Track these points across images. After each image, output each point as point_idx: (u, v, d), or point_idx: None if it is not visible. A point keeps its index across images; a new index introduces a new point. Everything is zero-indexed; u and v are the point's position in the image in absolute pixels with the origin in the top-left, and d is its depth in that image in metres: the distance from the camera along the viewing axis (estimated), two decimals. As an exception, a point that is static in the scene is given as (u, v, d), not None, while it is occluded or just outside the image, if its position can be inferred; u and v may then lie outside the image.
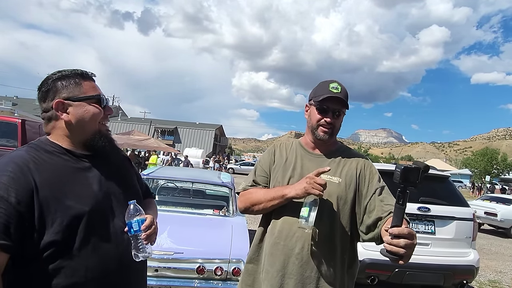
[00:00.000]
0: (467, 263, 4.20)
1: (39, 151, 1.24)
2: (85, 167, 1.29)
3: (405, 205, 1.26)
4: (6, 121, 6.04)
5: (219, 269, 3.33)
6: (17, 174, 1.12)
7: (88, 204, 1.21)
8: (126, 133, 21.20)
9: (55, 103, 1.26)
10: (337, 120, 1.71)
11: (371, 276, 4.05)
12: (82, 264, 1.18)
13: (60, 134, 1.29)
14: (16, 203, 1.09)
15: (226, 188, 5.00)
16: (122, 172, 1.42)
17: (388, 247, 1.25)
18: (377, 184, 1.67)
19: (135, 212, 1.30)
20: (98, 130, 1.33)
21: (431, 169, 4.90)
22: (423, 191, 4.37)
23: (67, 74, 1.30)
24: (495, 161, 44.57)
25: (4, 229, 1.06)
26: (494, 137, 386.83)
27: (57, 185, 1.18)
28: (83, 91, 1.30)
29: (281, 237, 1.63)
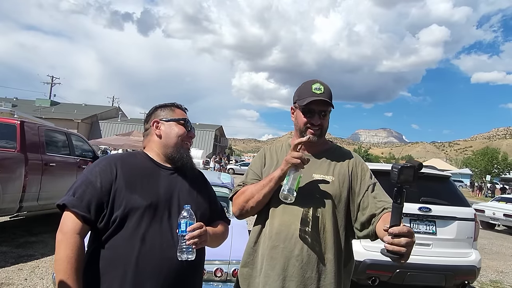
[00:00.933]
0: (469, 264, 4.18)
1: (130, 156, 1.63)
2: (161, 174, 1.58)
3: (403, 204, 1.26)
4: (5, 122, 6.01)
5: (219, 270, 3.32)
6: (106, 166, 1.49)
7: (148, 200, 1.46)
8: (126, 134, 21.20)
9: (153, 121, 1.65)
10: (324, 120, 1.71)
11: (372, 277, 4.03)
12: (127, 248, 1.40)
13: (152, 146, 1.64)
14: (100, 188, 1.43)
15: (226, 189, 4.98)
16: (193, 188, 1.64)
17: (390, 247, 1.24)
18: (369, 181, 1.70)
19: (186, 215, 1.45)
20: (180, 146, 1.62)
21: (432, 169, 4.88)
22: (424, 191, 4.35)
23: (166, 105, 1.71)
24: (495, 160, 44.51)
25: (87, 205, 1.40)
26: (494, 137, 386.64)
27: (131, 180, 1.48)
28: (174, 115, 1.66)
29: (280, 240, 1.62)
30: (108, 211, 1.43)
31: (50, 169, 6.14)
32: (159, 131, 1.63)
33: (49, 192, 6.12)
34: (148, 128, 1.68)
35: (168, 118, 1.65)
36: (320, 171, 1.70)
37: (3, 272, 4.43)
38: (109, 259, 1.40)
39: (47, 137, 6.37)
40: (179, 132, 1.62)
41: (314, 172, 1.69)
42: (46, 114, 38.55)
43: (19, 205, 5.51)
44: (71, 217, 1.40)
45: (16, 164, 5.46)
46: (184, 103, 1.76)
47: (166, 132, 1.62)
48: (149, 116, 1.70)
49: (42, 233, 6.49)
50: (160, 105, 1.72)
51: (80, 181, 1.47)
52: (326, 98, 1.66)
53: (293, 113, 1.80)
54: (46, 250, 5.49)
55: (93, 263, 1.41)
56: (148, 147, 1.65)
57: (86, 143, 7.90)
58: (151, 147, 1.64)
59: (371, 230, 1.59)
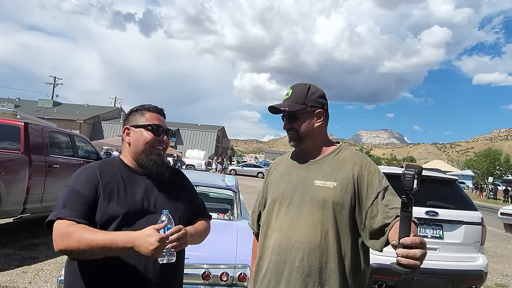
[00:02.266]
0: (476, 268, 4.15)
1: (108, 163, 1.61)
2: (137, 180, 1.60)
3: (412, 212, 1.19)
4: (9, 124, 6.00)
5: (225, 274, 3.29)
6: (89, 175, 1.50)
7: (125, 208, 1.49)
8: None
9: (123, 128, 1.66)
10: (297, 123, 1.67)
11: (379, 281, 3.99)
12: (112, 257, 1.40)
13: (125, 153, 1.66)
14: (88, 197, 1.45)
15: (230, 191, 4.95)
16: (171, 191, 1.66)
17: (404, 260, 1.15)
18: (378, 186, 1.56)
19: (164, 219, 1.46)
20: (149, 153, 1.61)
21: (438, 172, 4.84)
22: (430, 195, 4.32)
23: (138, 108, 1.69)
24: (498, 162, 44.37)
25: (82, 213, 1.41)
26: (496, 138, 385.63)
27: (109, 189, 1.50)
28: (144, 120, 1.64)
29: (282, 252, 1.57)
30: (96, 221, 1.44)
31: (54, 170, 6.13)
32: (129, 138, 1.64)
33: (52, 194, 6.10)
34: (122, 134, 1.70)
35: (137, 123, 1.63)
36: (322, 177, 1.62)
37: (7, 275, 4.41)
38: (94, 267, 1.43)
39: (50, 138, 6.36)
40: (147, 138, 1.61)
41: (315, 179, 1.62)
42: (48, 115, 38.62)
43: (23, 207, 5.50)
44: (66, 222, 1.37)
45: (20, 166, 5.45)
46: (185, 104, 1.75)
47: (134, 139, 1.62)
48: (124, 121, 1.72)
49: (45, 235, 6.47)
50: (133, 109, 1.71)
51: (67, 193, 1.46)
52: (289, 102, 1.67)
53: None
54: (49, 253, 5.47)
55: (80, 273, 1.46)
56: (123, 153, 1.68)
57: (89, 144, 7.89)
58: (125, 153, 1.66)
59: (383, 240, 1.49)
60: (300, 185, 1.64)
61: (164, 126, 1.68)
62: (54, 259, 5.20)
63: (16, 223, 6.76)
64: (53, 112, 44.10)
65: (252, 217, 1.93)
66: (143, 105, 1.71)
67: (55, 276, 4.52)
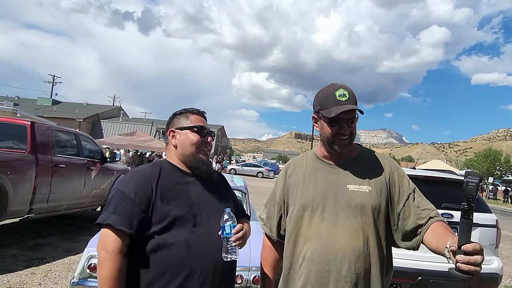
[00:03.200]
0: (491, 271, 4.10)
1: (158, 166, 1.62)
2: (188, 181, 1.63)
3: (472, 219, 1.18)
4: (15, 123, 5.94)
5: (239, 277, 3.26)
6: (141, 180, 1.52)
7: (184, 209, 1.52)
8: (129, 134, 21.16)
9: (169, 131, 1.70)
10: (352, 127, 1.61)
11: (394, 284, 3.95)
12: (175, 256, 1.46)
13: (172, 155, 1.69)
14: (139, 203, 1.47)
15: (239, 192, 4.91)
16: (218, 190, 1.70)
17: (465, 266, 1.15)
18: (408, 189, 1.60)
19: (229, 218, 1.54)
20: (196, 154, 1.64)
21: (451, 174, 4.80)
22: (445, 197, 4.27)
23: (182, 112, 1.72)
24: (498, 162, 44.44)
25: (130, 222, 1.43)
26: (494, 138, 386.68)
27: (164, 192, 1.52)
28: (188, 122, 1.67)
29: (324, 262, 1.52)
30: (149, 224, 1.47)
31: (60, 170, 6.07)
32: (175, 140, 1.67)
33: (58, 194, 6.06)
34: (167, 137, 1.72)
35: (183, 126, 1.67)
36: (354, 181, 1.59)
37: (17, 276, 4.36)
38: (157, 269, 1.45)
39: (56, 138, 6.30)
40: (194, 140, 1.64)
41: (348, 184, 1.58)
42: (47, 113, 38.51)
43: (29, 207, 5.44)
44: (114, 236, 1.42)
45: (27, 165, 5.39)
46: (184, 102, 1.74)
47: (181, 141, 1.65)
48: (167, 125, 1.75)
49: (51, 235, 6.42)
50: (177, 112, 1.74)
51: (117, 197, 1.49)
52: (352, 104, 1.56)
53: (316, 122, 1.67)
54: (56, 253, 5.42)
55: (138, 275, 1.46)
56: (169, 156, 1.70)
57: (94, 143, 7.83)
58: (172, 156, 1.69)
59: (417, 240, 1.52)
60: (331, 190, 1.59)
61: (207, 127, 1.72)
62: (62, 260, 5.15)
63: (21, 223, 6.71)
64: (52, 110, 43.93)
65: (269, 223, 1.81)
66: (186, 108, 1.75)
67: (64, 277, 4.47)
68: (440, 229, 1.46)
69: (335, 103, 1.55)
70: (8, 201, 4.93)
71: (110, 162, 7.96)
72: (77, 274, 3.18)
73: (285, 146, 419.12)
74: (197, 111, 1.74)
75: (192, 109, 1.73)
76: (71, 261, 5.16)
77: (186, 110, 1.73)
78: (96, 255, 3.18)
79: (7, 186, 4.88)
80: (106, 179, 7.69)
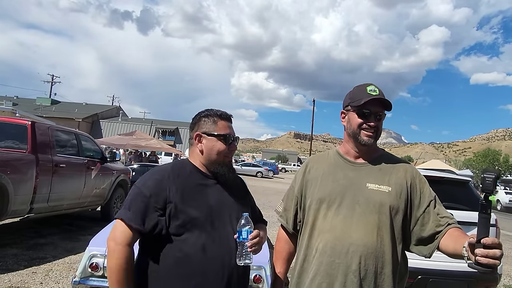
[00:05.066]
0: (491, 270, 4.12)
1: (180, 167, 1.64)
2: (208, 184, 1.63)
3: (491, 214, 1.22)
4: (16, 123, 5.95)
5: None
6: (158, 180, 1.54)
7: (203, 212, 1.53)
8: (129, 134, 21.13)
9: (195, 135, 1.66)
10: (379, 123, 1.64)
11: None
12: (190, 258, 1.47)
13: (195, 158, 1.68)
14: (154, 202, 1.48)
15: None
16: (238, 195, 1.71)
17: (484, 260, 1.18)
18: (429, 195, 1.63)
19: (246, 223, 1.54)
20: (222, 161, 1.65)
21: (450, 173, 4.82)
22: (444, 196, 4.28)
23: (209, 114, 1.68)
24: (497, 162, 44.45)
25: (142, 219, 1.46)
26: (493, 138, 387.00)
27: (183, 193, 1.53)
28: (216, 129, 1.65)
29: (335, 254, 1.55)
30: (166, 224, 1.49)
31: (60, 170, 6.08)
32: (201, 145, 1.65)
33: (58, 194, 6.07)
34: (192, 137, 1.70)
35: (210, 132, 1.65)
36: (375, 180, 1.62)
37: (18, 276, 4.37)
38: (173, 271, 1.48)
39: (56, 137, 6.31)
40: (220, 149, 1.64)
41: (368, 182, 1.62)
42: (47, 113, 38.46)
43: (30, 206, 5.45)
44: (125, 229, 1.47)
45: (27, 165, 5.40)
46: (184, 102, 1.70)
47: (207, 148, 1.64)
48: (193, 124, 1.71)
49: (51, 235, 6.44)
50: (204, 113, 1.70)
51: (134, 194, 1.53)
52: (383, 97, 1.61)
53: (344, 117, 1.73)
54: (57, 253, 5.43)
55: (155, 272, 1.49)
56: (192, 157, 1.69)
57: (94, 143, 7.83)
58: (195, 158, 1.68)
59: (433, 246, 1.55)
60: (350, 187, 1.62)
61: (233, 134, 1.71)
62: (63, 259, 5.16)
63: (21, 223, 6.72)
64: (51, 110, 43.86)
65: (286, 215, 1.84)
66: (213, 110, 1.71)
67: (65, 276, 4.49)
68: (456, 233, 1.50)
69: (366, 96, 1.61)
70: (8, 200, 4.94)
71: (110, 161, 7.96)
72: (78, 273, 3.20)
73: (284, 146, 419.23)
74: (225, 115, 1.71)
75: (220, 113, 1.70)
76: (72, 260, 5.17)
77: (214, 113, 1.69)
78: (98, 255, 3.21)
79: (7, 185, 4.89)
80: (106, 178, 7.70)
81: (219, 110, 1.72)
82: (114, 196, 8.13)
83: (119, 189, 8.32)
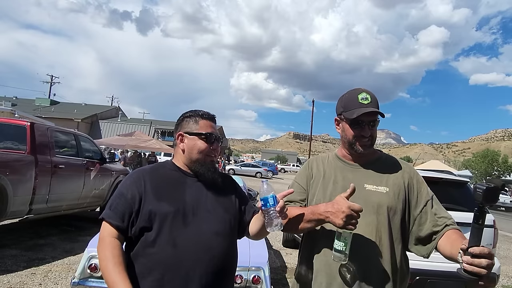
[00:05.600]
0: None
1: (159, 166, 1.70)
2: (187, 181, 1.63)
3: (484, 225, 1.22)
4: (15, 124, 5.95)
5: (239, 277, 3.27)
6: (136, 178, 1.58)
7: (175, 206, 1.53)
8: (128, 134, 21.12)
9: (177, 135, 1.69)
10: (374, 130, 1.65)
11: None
12: (160, 254, 1.47)
13: (178, 157, 1.70)
14: (130, 199, 1.52)
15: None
16: (221, 192, 1.68)
17: (469, 267, 1.21)
18: (426, 195, 1.64)
19: (269, 189, 1.49)
20: (203, 161, 1.65)
21: (448, 174, 4.83)
22: (442, 197, 4.29)
23: (191, 114, 1.70)
24: (496, 163, 44.47)
25: (121, 216, 1.50)
26: (492, 138, 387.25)
27: (158, 189, 1.56)
28: (198, 128, 1.66)
29: None
30: (138, 220, 1.51)
31: (59, 171, 6.08)
32: (183, 144, 1.67)
33: (58, 194, 6.07)
34: (175, 138, 1.73)
35: (191, 131, 1.67)
36: (372, 182, 1.63)
37: (17, 277, 4.37)
38: (145, 266, 1.48)
39: (55, 138, 6.31)
40: (201, 148, 1.64)
41: (365, 183, 1.63)
42: (46, 114, 38.40)
43: (29, 207, 5.45)
44: (108, 226, 1.51)
45: (27, 166, 5.40)
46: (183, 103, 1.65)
47: (188, 147, 1.66)
48: (176, 125, 1.74)
49: (50, 236, 6.44)
50: (187, 114, 1.73)
51: (115, 194, 1.59)
52: (374, 107, 1.61)
53: (338, 125, 1.73)
54: (56, 253, 5.44)
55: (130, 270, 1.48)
56: (175, 158, 1.72)
57: (93, 144, 7.83)
58: (178, 158, 1.70)
59: (431, 246, 1.56)
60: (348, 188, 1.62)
61: (216, 133, 1.71)
62: (62, 260, 5.17)
63: (21, 224, 6.72)
64: (50, 111, 43.82)
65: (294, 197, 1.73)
66: (196, 111, 1.73)
67: (64, 277, 4.49)
68: (454, 236, 1.50)
69: (357, 105, 1.61)
70: (8, 201, 4.94)
71: (109, 162, 7.96)
72: (77, 274, 3.20)
73: (284, 146, 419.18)
74: (207, 115, 1.72)
75: (202, 113, 1.71)
76: (71, 261, 5.17)
77: (195, 114, 1.71)
78: (97, 256, 3.21)
79: (7, 186, 4.89)
80: (105, 179, 7.70)
81: (201, 110, 1.73)
82: (113, 197, 8.09)
83: (118, 190, 8.28)
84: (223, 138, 1.97)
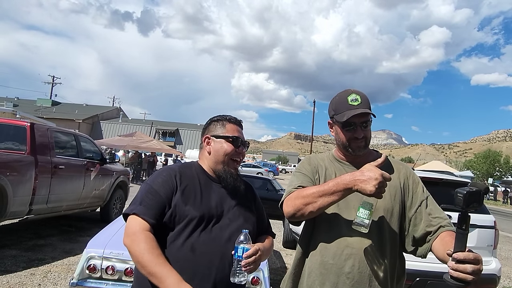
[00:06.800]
0: (489, 272, 4.11)
1: (187, 167, 1.69)
2: (212, 186, 1.65)
3: (468, 230, 1.20)
4: (15, 124, 5.95)
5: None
6: (167, 177, 1.59)
7: (200, 212, 1.54)
8: (129, 135, 21.16)
9: (204, 137, 1.72)
10: (367, 131, 1.63)
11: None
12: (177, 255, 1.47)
13: (204, 160, 1.72)
14: (164, 197, 1.52)
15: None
16: (242, 202, 1.70)
17: (454, 273, 1.18)
18: (421, 195, 1.62)
19: (244, 240, 1.49)
20: (227, 164, 1.67)
21: (449, 175, 4.81)
22: (443, 198, 4.28)
23: (219, 118, 1.74)
24: (497, 163, 44.39)
25: (155, 213, 1.49)
26: (494, 139, 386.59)
27: (187, 192, 1.57)
28: (224, 131, 1.69)
29: (329, 255, 1.55)
30: (167, 220, 1.51)
31: (59, 171, 6.08)
32: (209, 147, 1.69)
33: (58, 195, 6.07)
34: (202, 141, 1.75)
35: (218, 134, 1.69)
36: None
37: (16, 277, 4.36)
38: None
39: (56, 139, 6.31)
40: (227, 150, 1.66)
41: None
42: (47, 114, 38.52)
43: (29, 208, 5.45)
44: (141, 221, 1.47)
45: (26, 166, 5.40)
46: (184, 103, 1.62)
47: (215, 149, 1.68)
48: (204, 129, 1.77)
49: (50, 236, 6.44)
50: (214, 118, 1.76)
51: (144, 190, 1.56)
52: (365, 108, 1.59)
53: (332, 128, 1.72)
54: (56, 254, 5.43)
55: None
56: (201, 160, 1.74)
57: (93, 144, 7.84)
58: (203, 160, 1.72)
59: (426, 248, 1.54)
60: None
61: (242, 138, 1.74)
62: (61, 261, 5.16)
63: (20, 224, 6.72)
64: (52, 111, 43.96)
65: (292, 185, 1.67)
66: (223, 115, 1.77)
67: (64, 278, 4.48)
68: (448, 238, 1.46)
69: (347, 107, 1.59)
70: (7, 202, 4.94)
71: (109, 163, 7.96)
72: (76, 274, 3.19)
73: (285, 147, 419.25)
74: (234, 120, 1.75)
75: (229, 118, 1.75)
76: (71, 262, 5.17)
77: (223, 118, 1.74)
78: (96, 256, 3.20)
79: (6, 187, 4.89)
80: (105, 180, 7.70)
81: (229, 115, 1.77)
82: (114, 197, 8.13)
83: (118, 190, 8.32)
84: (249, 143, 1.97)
